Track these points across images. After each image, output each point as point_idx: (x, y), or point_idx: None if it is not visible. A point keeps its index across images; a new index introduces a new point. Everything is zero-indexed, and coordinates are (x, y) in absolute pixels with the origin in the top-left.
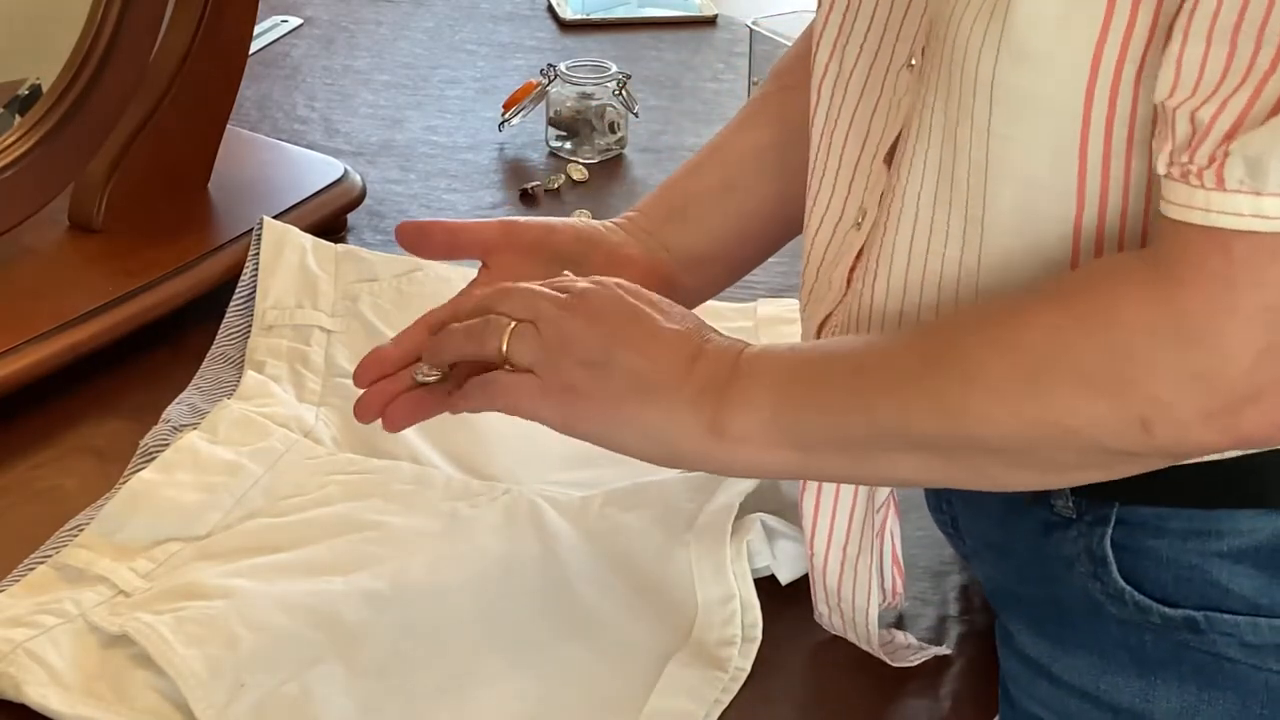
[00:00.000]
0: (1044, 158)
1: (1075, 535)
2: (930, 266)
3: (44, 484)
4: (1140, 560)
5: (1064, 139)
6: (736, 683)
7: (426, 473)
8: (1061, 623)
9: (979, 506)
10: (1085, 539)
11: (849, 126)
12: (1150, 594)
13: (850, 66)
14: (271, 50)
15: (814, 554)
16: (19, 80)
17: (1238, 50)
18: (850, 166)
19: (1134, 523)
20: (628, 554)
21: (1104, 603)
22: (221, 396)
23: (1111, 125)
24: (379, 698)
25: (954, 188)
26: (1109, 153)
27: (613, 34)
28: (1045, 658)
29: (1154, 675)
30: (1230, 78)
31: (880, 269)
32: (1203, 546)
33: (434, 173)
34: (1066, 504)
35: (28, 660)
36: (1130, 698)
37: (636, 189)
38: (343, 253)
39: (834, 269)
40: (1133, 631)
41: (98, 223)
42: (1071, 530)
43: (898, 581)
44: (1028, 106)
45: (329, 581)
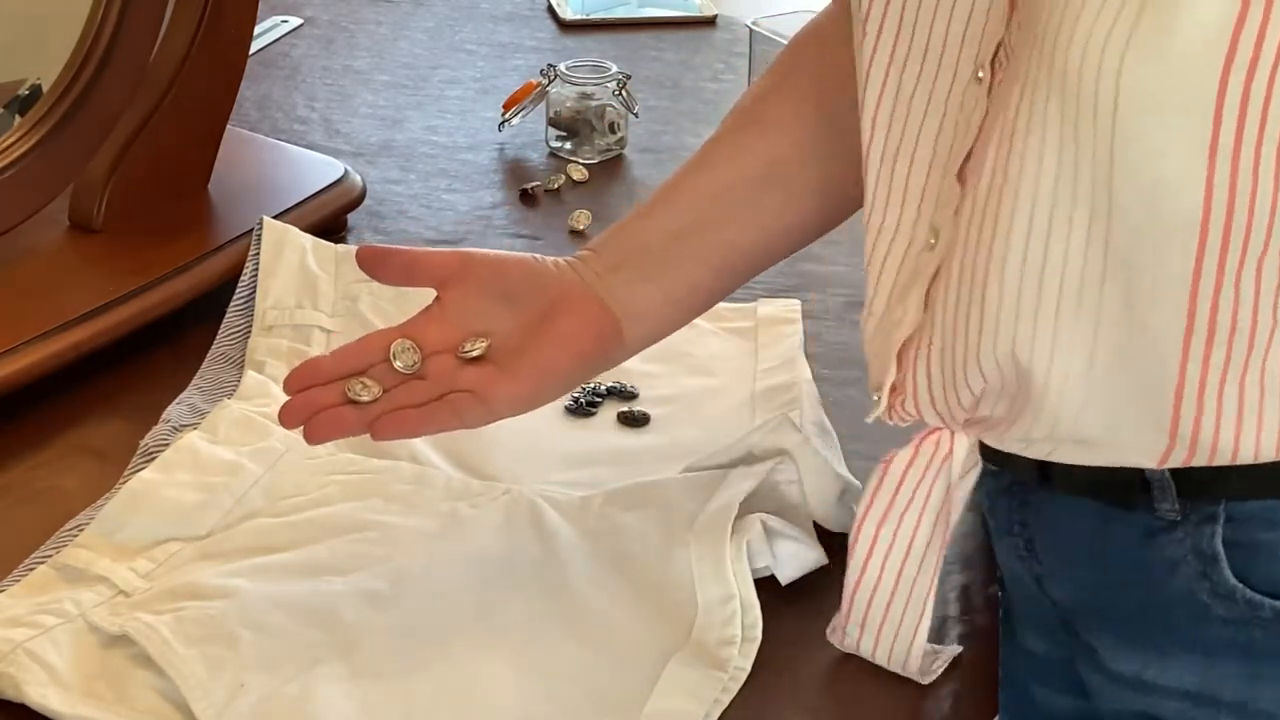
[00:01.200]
0: (1174, 151)
1: (1181, 536)
2: (1051, 263)
3: (44, 484)
4: (1252, 556)
5: (1194, 133)
6: (736, 683)
7: (426, 473)
8: (1161, 631)
9: (1068, 522)
10: (1193, 539)
11: (914, 150)
12: (1261, 589)
13: (909, 92)
14: (271, 50)
15: (865, 573)
16: (19, 80)
17: None
18: (918, 190)
19: (1243, 518)
20: (628, 554)
21: (1211, 604)
22: (221, 396)
23: (1244, 120)
24: (379, 698)
25: (1077, 184)
26: (1239, 146)
27: (613, 34)
28: (1137, 667)
29: (1260, 666)
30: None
31: (976, 298)
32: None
33: (434, 173)
34: (1172, 506)
35: (28, 660)
36: (1233, 692)
37: (636, 189)
38: (343, 253)
39: (909, 294)
40: (1241, 629)
41: (98, 223)
42: (1177, 532)
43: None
44: (1156, 100)
45: (329, 581)
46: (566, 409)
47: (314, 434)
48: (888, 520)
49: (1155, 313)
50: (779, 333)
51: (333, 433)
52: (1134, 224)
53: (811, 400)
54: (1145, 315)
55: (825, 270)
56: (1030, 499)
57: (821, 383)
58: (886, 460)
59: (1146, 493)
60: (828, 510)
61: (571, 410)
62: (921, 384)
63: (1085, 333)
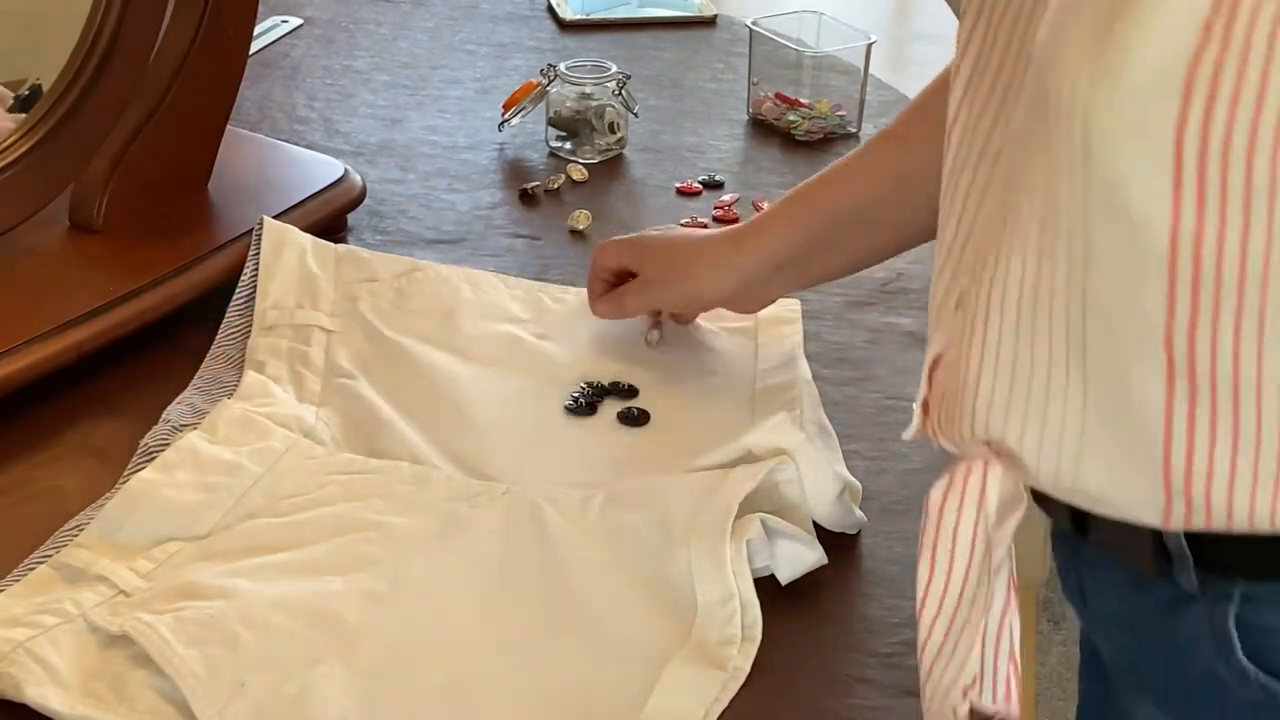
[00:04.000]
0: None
1: (1199, 612)
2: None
3: (44, 484)
4: (1267, 638)
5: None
6: (736, 682)
7: (426, 473)
8: (1189, 704)
9: (1107, 579)
10: (1209, 617)
11: (975, 170)
12: (1275, 673)
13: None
14: (271, 50)
15: (920, 622)
16: (19, 80)
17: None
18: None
19: (1259, 599)
20: (628, 554)
21: (1230, 683)
22: (221, 396)
23: (1206, 150)
24: (379, 698)
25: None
26: (1203, 182)
27: (613, 34)
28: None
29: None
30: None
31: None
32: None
33: (434, 173)
34: (1190, 579)
35: (28, 660)
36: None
37: (636, 189)
38: (343, 253)
39: (942, 312)
40: (1260, 713)
41: (98, 223)
42: (1195, 606)
43: (1012, 684)
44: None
45: (329, 581)
46: (566, 409)
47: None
48: (938, 557)
49: (1137, 362)
50: (779, 333)
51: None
52: (1110, 265)
53: (811, 400)
54: (1128, 365)
55: None
56: (1082, 552)
57: (821, 383)
58: (927, 497)
59: (1168, 562)
60: (828, 510)
61: (571, 410)
62: (948, 408)
63: (1074, 372)
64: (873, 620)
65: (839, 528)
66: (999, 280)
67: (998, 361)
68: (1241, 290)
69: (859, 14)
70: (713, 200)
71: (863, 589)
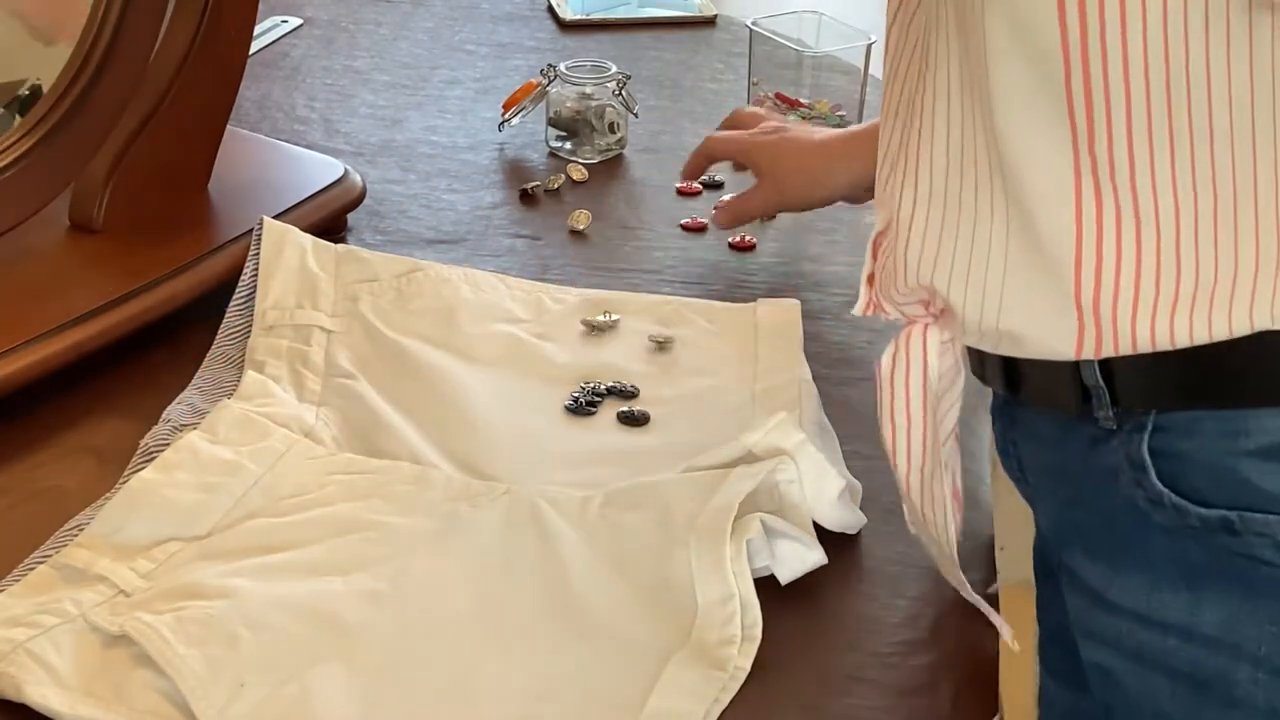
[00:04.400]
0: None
1: (1116, 446)
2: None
3: (44, 484)
4: (1176, 464)
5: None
6: (736, 682)
7: (426, 473)
8: (1114, 543)
9: (1038, 436)
10: (1125, 447)
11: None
12: (1187, 496)
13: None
14: (271, 50)
15: (896, 475)
16: (19, 80)
17: None
18: (897, 95)
19: (1169, 428)
20: (628, 554)
21: (1148, 511)
22: (221, 396)
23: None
24: (379, 698)
25: (952, 32)
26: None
27: (613, 34)
28: (1101, 584)
29: (1199, 588)
30: None
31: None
32: (1233, 446)
33: (434, 173)
34: (1107, 414)
35: (28, 660)
36: (1178, 614)
37: (636, 189)
38: (343, 253)
39: (886, 187)
40: (1176, 540)
41: (98, 223)
42: (1112, 441)
43: (956, 516)
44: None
45: (329, 581)
46: (566, 409)
47: None
48: (895, 421)
49: (1049, 188)
50: (779, 333)
51: None
52: (1014, 92)
53: (811, 400)
54: (1041, 193)
55: (825, 270)
56: (1016, 417)
57: (821, 383)
58: (877, 361)
59: (1087, 401)
60: (828, 510)
61: (571, 410)
62: (889, 273)
63: (999, 232)
64: (873, 620)
65: (839, 528)
66: (925, 132)
67: (929, 209)
68: (1128, 103)
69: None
70: (713, 200)
71: (863, 589)
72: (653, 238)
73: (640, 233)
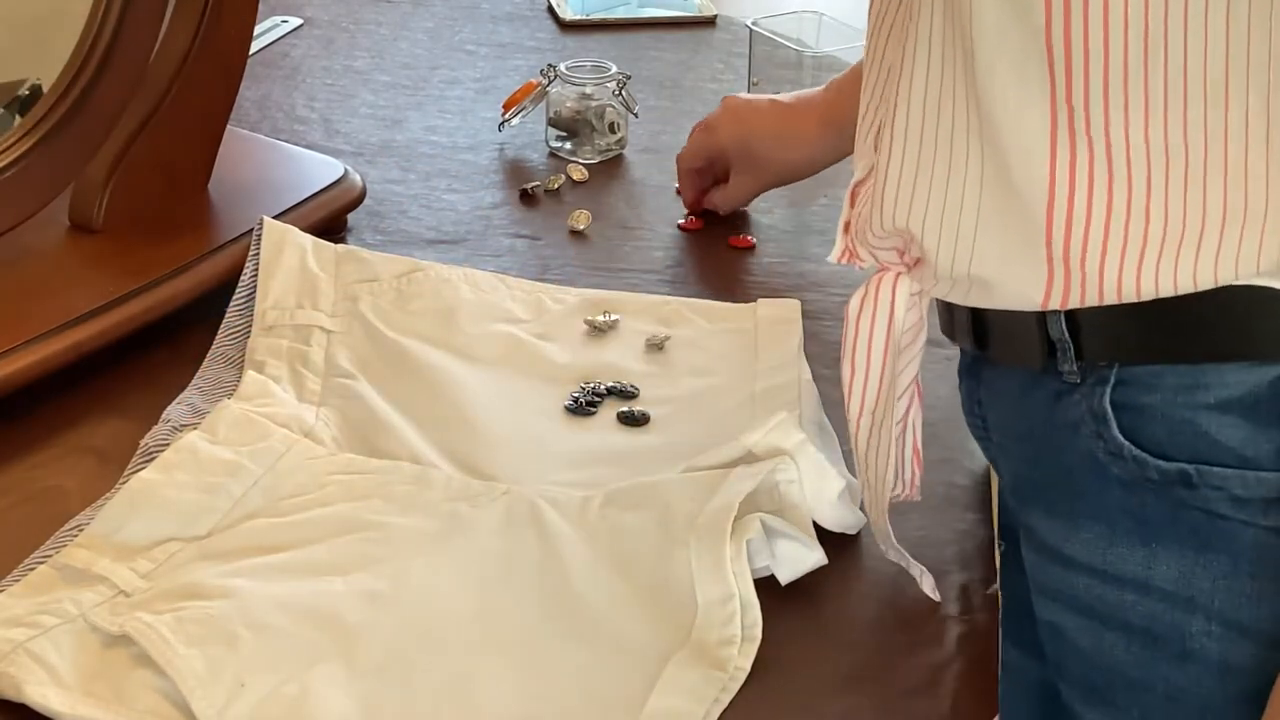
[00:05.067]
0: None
1: (1079, 399)
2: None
3: (44, 484)
4: (1137, 417)
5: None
6: (736, 683)
7: (426, 473)
8: (1072, 497)
9: (1003, 392)
10: (1088, 400)
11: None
12: (1146, 448)
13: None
14: (271, 50)
15: (849, 415)
16: (19, 80)
17: None
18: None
19: (1131, 381)
20: (628, 554)
21: (1108, 464)
22: (221, 396)
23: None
24: (379, 698)
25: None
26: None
27: (613, 34)
28: (1059, 540)
29: (1155, 542)
30: None
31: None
32: (1192, 400)
33: (434, 173)
34: (1072, 369)
35: (28, 660)
36: (1134, 568)
37: (636, 189)
38: (343, 253)
39: (868, 138)
40: (1134, 493)
41: (98, 223)
42: (1075, 394)
43: (916, 474)
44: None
45: (329, 581)
46: (566, 409)
47: None
48: (856, 360)
49: (1025, 134)
50: (779, 333)
51: None
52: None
53: (811, 400)
54: (1018, 138)
55: (825, 270)
56: (982, 375)
57: (821, 383)
58: (846, 302)
59: (1052, 356)
60: (828, 510)
61: (571, 410)
62: (864, 219)
63: (973, 175)
64: (873, 620)
65: (839, 528)
66: (905, 79)
67: (904, 153)
68: (1106, 57)
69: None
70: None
71: (862, 589)
72: (652, 238)
73: (640, 233)
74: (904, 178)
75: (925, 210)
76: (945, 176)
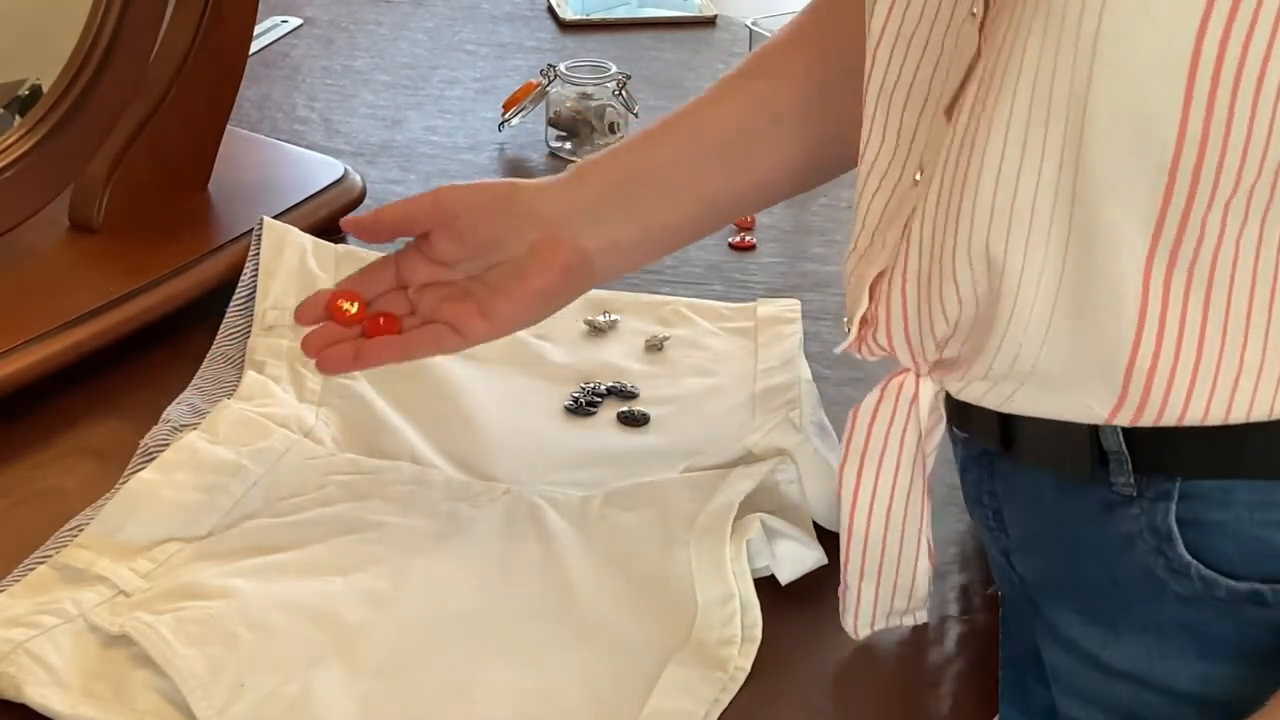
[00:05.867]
0: (1150, 87)
1: (1137, 513)
2: (1023, 190)
3: (44, 484)
4: (1205, 534)
5: (1172, 64)
6: (736, 683)
7: (426, 473)
8: (1117, 607)
9: (1030, 493)
10: (1148, 515)
11: (909, 88)
12: (1216, 567)
13: (911, 28)
14: (271, 50)
15: (854, 522)
16: (19, 80)
17: None
18: (911, 127)
19: (1198, 496)
20: (628, 554)
21: (1167, 580)
22: (221, 396)
23: (1221, 63)
24: (379, 698)
25: (1051, 112)
26: (1217, 83)
27: (613, 34)
28: (1095, 645)
29: (1214, 656)
30: None
31: (953, 211)
32: (1268, 517)
33: (434, 173)
34: (1128, 481)
35: (28, 660)
36: (1189, 681)
37: None
38: (343, 253)
39: (889, 229)
40: (1194, 610)
41: (98, 223)
42: (1133, 508)
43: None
44: (1137, 28)
45: (329, 581)
46: (566, 409)
47: (321, 367)
48: (865, 468)
49: (1122, 242)
50: (779, 333)
51: (333, 367)
52: (1105, 153)
53: (811, 400)
54: (1113, 245)
55: (825, 270)
56: (998, 468)
57: (821, 383)
58: (855, 406)
59: (1104, 466)
60: (828, 510)
61: (571, 410)
62: (895, 313)
63: (1055, 256)
64: None
65: (839, 528)
66: (970, 159)
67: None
68: (1238, 182)
69: None
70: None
71: None
72: None
73: None
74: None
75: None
76: (1017, 272)
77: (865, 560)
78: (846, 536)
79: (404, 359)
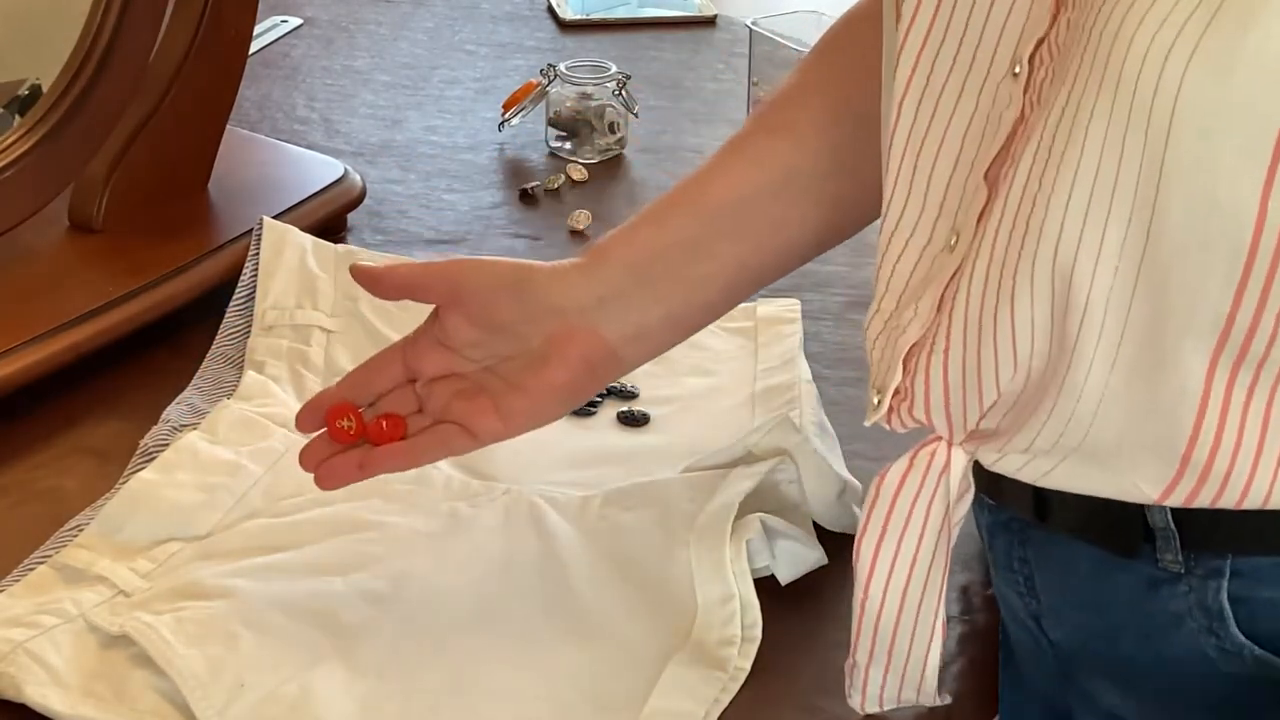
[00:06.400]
0: (1229, 173)
1: (1185, 590)
2: (1080, 274)
3: (44, 484)
4: (1259, 611)
5: (1253, 157)
6: (736, 683)
7: (426, 473)
8: (1162, 682)
9: (1066, 563)
10: (1198, 593)
11: (939, 145)
12: (1271, 648)
13: (941, 82)
14: (271, 50)
15: (869, 595)
16: (19, 80)
17: None
18: (941, 187)
19: (1248, 573)
20: (628, 554)
21: (1218, 660)
22: (221, 396)
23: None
24: (379, 698)
25: (1115, 198)
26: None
27: (613, 34)
28: (1136, 718)
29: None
30: None
31: (1006, 288)
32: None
33: (434, 173)
34: (1175, 558)
35: (28, 660)
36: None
37: (636, 189)
38: (343, 253)
39: (922, 295)
40: (1246, 688)
41: (98, 223)
42: (1180, 585)
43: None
44: (1217, 117)
45: (329, 581)
46: None
47: (321, 483)
48: (886, 538)
49: (1188, 332)
50: (779, 333)
51: (336, 482)
52: (1177, 243)
53: (811, 400)
54: (1177, 335)
55: (825, 270)
56: (1030, 535)
57: (821, 383)
58: (881, 474)
59: (1149, 542)
60: (828, 510)
61: (572, 410)
62: (935, 389)
63: (1110, 342)
64: None
65: (839, 528)
66: (1030, 244)
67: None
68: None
69: None
70: None
71: None
72: None
73: None
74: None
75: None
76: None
77: (875, 642)
78: (859, 612)
79: (411, 466)
